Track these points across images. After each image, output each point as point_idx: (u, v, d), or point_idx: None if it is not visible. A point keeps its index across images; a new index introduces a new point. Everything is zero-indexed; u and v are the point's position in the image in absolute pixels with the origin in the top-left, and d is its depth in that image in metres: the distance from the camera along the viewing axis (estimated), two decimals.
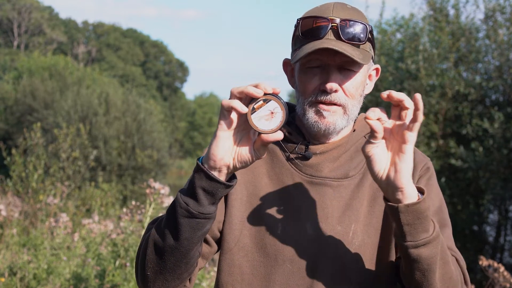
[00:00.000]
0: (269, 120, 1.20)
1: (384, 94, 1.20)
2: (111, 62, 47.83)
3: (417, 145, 10.11)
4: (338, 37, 1.34)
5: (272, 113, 1.20)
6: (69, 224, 6.10)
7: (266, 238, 1.40)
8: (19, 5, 42.91)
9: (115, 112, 18.73)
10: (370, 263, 1.39)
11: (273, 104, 1.20)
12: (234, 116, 1.22)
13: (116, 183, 15.98)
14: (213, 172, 1.23)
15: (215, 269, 1.49)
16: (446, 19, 11.15)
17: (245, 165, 1.25)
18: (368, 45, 1.39)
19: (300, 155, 1.44)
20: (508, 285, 4.44)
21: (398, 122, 1.22)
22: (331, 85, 1.35)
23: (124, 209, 4.82)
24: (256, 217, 1.42)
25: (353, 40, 1.34)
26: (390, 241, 1.41)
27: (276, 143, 1.47)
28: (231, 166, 1.24)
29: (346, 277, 1.37)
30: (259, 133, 1.22)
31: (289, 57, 1.48)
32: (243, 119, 1.23)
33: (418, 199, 1.23)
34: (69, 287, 4.60)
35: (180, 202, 1.25)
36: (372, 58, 1.43)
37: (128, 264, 4.24)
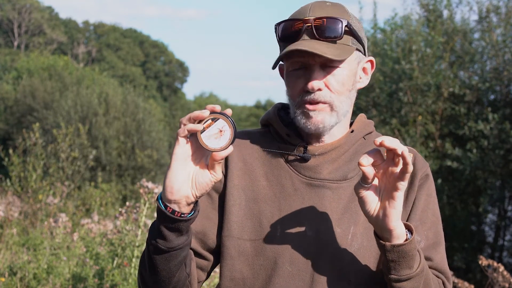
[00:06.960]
0: (218, 138, 1.22)
1: (377, 141, 1.21)
2: (111, 62, 47.71)
3: (413, 145, 10.11)
4: (312, 36, 1.35)
5: (220, 131, 1.22)
6: (68, 224, 6.12)
7: (265, 241, 1.41)
8: (19, 5, 42.83)
9: (114, 112, 18.71)
10: (369, 265, 1.40)
11: (221, 123, 1.22)
12: (188, 145, 1.24)
13: (116, 183, 15.98)
14: (172, 206, 1.25)
15: (215, 269, 1.51)
16: (439, 19, 11.12)
17: (204, 191, 1.26)
18: (348, 39, 1.38)
19: (298, 157, 1.44)
20: (507, 285, 4.45)
21: (391, 168, 1.24)
22: (312, 84, 1.36)
23: (120, 209, 4.85)
24: (255, 221, 1.42)
25: (329, 37, 1.35)
26: None
27: (275, 145, 1.47)
28: (190, 196, 1.26)
29: (345, 279, 1.38)
30: (211, 152, 1.23)
31: None
32: (195, 147, 1.25)
33: (405, 240, 1.27)
34: (68, 287, 4.61)
35: (149, 241, 1.30)
36: (361, 51, 1.43)
37: (126, 263, 4.25)
